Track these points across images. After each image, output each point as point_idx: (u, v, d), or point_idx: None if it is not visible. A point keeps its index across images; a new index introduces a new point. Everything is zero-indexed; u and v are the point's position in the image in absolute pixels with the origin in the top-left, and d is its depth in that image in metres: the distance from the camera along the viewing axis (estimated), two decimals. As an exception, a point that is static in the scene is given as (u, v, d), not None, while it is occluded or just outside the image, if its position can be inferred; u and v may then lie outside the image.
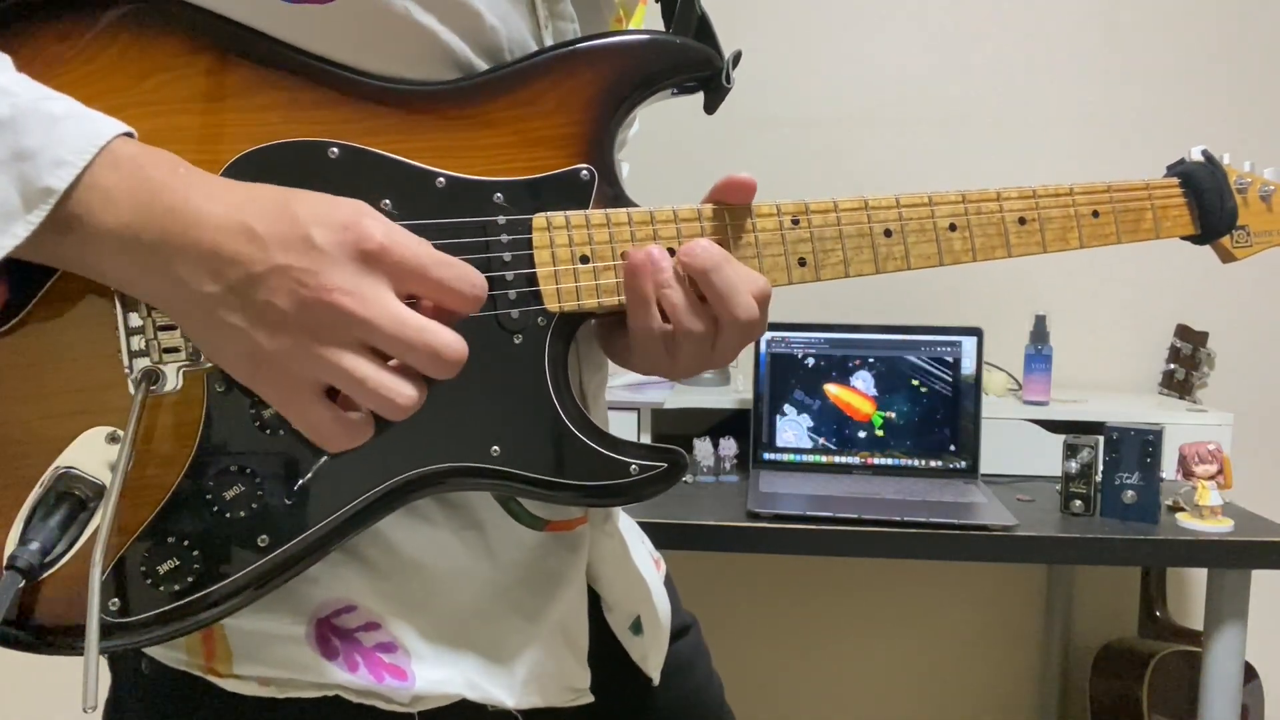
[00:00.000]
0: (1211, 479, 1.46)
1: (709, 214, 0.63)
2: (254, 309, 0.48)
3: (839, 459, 1.72)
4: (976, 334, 1.70)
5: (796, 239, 0.64)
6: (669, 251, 0.60)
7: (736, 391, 1.86)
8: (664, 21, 0.65)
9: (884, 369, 1.72)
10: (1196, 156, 0.72)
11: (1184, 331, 1.93)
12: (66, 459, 0.53)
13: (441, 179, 0.58)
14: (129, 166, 0.49)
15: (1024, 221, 0.67)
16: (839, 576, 2.15)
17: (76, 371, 0.53)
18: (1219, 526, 1.43)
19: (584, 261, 0.60)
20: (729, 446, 1.69)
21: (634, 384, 1.78)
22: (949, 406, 1.70)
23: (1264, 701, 1.83)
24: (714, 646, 0.90)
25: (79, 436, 0.53)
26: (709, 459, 1.68)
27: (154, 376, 0.53)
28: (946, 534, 1.41)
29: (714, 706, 0.87)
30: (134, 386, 0.53)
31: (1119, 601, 2.09)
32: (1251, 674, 1.76)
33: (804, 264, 0.64)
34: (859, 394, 1.73)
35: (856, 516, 1.43)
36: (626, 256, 0.60)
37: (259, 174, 0.53)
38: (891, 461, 1.71)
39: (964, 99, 2.04)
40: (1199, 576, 2.01)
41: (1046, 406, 1.77)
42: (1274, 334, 2.03)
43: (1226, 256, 0.73)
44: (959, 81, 2.04)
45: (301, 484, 0.55)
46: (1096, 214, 0.68)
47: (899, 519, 1.42)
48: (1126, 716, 1.84)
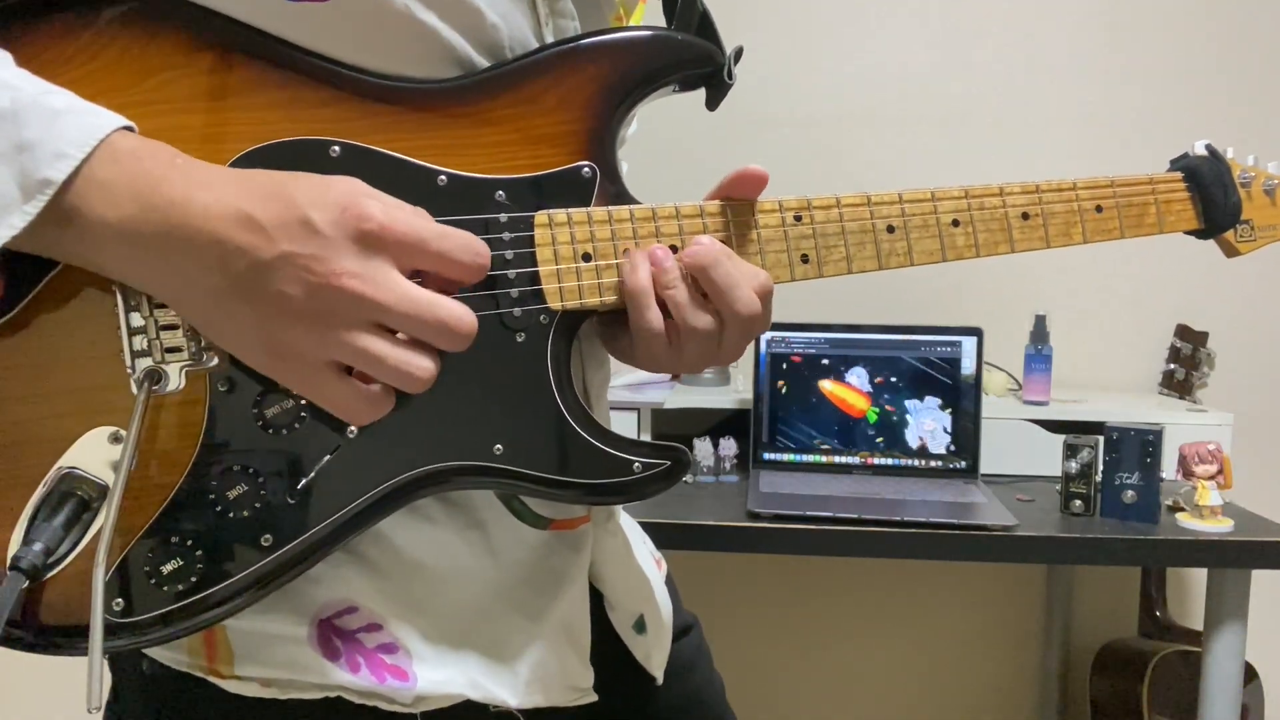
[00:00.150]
0: (1211, 479, 1.46)
1: (711, 211, 0.63)
2: (265, 299, 0.49)
3: (839, 459, 1.72)
4: (976, 334, 1.70)
5: (799, 235, 0.64)
6: (671, 249, 0.60)
7: (736, 391, 1.85)
8: (665, 18, 0.65)
9: (884, 368, 1.72)
10: (1200, 151, 0.72)
11: (1184, 331, 1.93)
12: (69, 459, 0.53)
13: (443, 177, 0.58)
14: (128, 160, 0.49)
15: (1027, 217, 0.67)
16: (839, 576, 2.15)
17: (79, 372, 0.53)
18: (1219, 526, 1.43)
19: (586, 259, 0.60)
20: (729, 446, 1.69)
21: (634, 384, 1.78)
22: (949, 406, 1.70)
23: (1264, 701, 1.82)
24: (714, 646, 0.90)
25: (82, 437, 0.53)
26: (709, 459, 1.67)
27: (156, 376, 0.53)
28: (946, 534, 1.41)
29: (715, 706, 0.87)
30: (136, 386, 0.53)
31: (1119, 601, 2.08)
32: (1251, 674, 1.76)
33: (807, 260, 0.64)
34: (854, 390, 1.72)
35: (856, 516, 1.43)
36: (628, 255, 0.60)
37: None
38: (891, 461, 1.71)
39: (965, 98, 2.04)
40: (1199, 576, 2.01)
41: (1046, 406, 1.77)
42: (1274, 334, 2.03)
43: (1230, 251, 0.73)
44: (960, 80, 2.04)
45: (304, 483, 0.55)
46: (1100, 209, 0.68)
47: (899, 519, 1.42)
48: (1126, 716, 1.84)
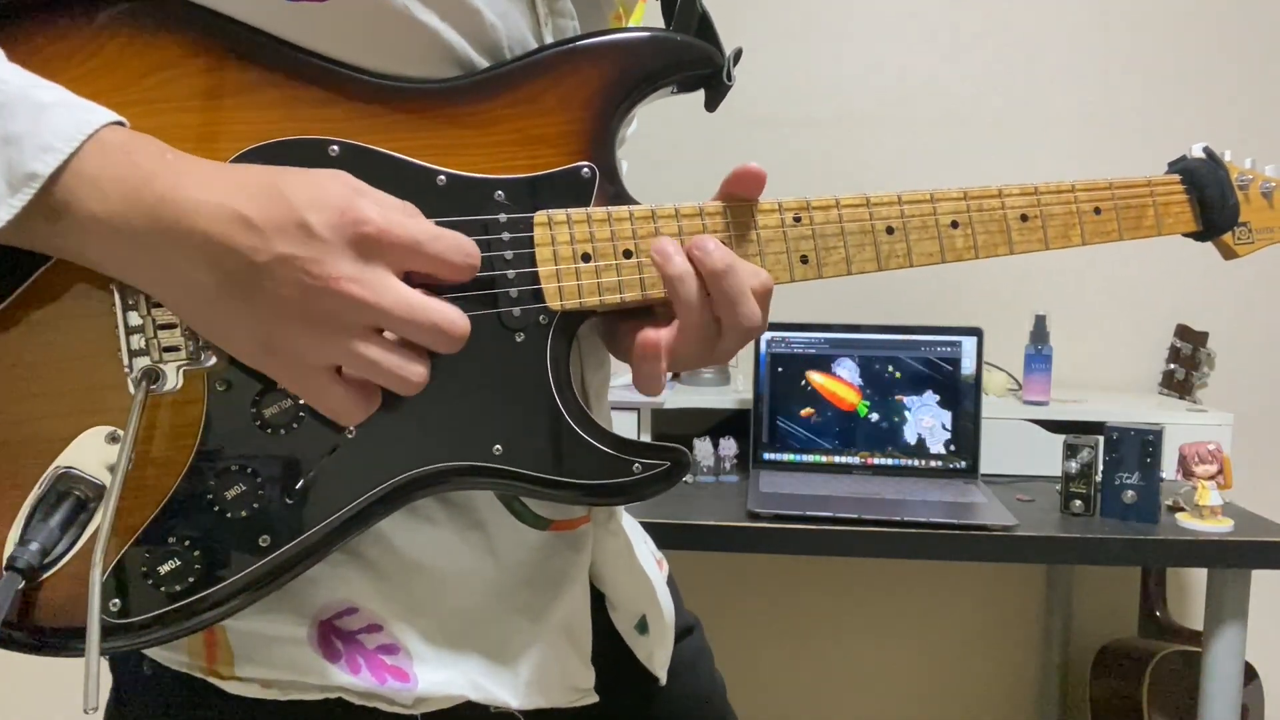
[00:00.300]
0: (1211, 479, 1.46)
1: (711, 211, 0.62)
2: (260, 300, 0.49)
3: (839, 459, 1.72)
4: (976, 334, 1.70)
5: (798, 236, 0.63)
6: None
7: (736, 391, 1.85)
8: (664, 19, 0.65)
9: (884, 368, 1.72)
10: (1198, 153, 0.72)
11: (1184, 331, 1.93)
12: (66, 459, 0.53)
13: (442, 177, 0.58)
14: (117, 154, 0.48)
15: (1026, 218, 0.66)
16: (839, 576, 2.15)
17: (76, 371, 0.53)
18: (1219, 526, 1.43)
19: (585, 259, 0.60)
20: (729, 446, 1.69)
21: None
22: (949, 406, 1.70)
23: (1264, 701, 1.82)
24: (714, 646, 0.90)
25: (79, 436, 0.53)
26: (709, 459, 1.67)
27: (154, 376, 0.53)
28: (946, 534, 1.41)
29: (717, 707, 0.86)
30: (134, 386, 0.53)
31: (1119, 601, 2.08)
32: (1251, 674, 1.76)
33: (806, 261, 0.64)
34: (843, 383, 1.72)
35: (856, 516, 1.43)
36: (658, 248, 0.60)
37: None
38: (891, 461, 1.71)
39: (964, 99, 2.04)
40: (1199, 576, 2.01)
41: (1046, 406, 1.77)
42: (1274, 334, 2.03)
43: (1228, 253, 0.73)
44: (959, 81, 2.04)
45: (302, 483, 0.55)
46: (1098, 211, 0.68)
47: (899, 519, 1.42)
48: (1126, 716, 1.83)
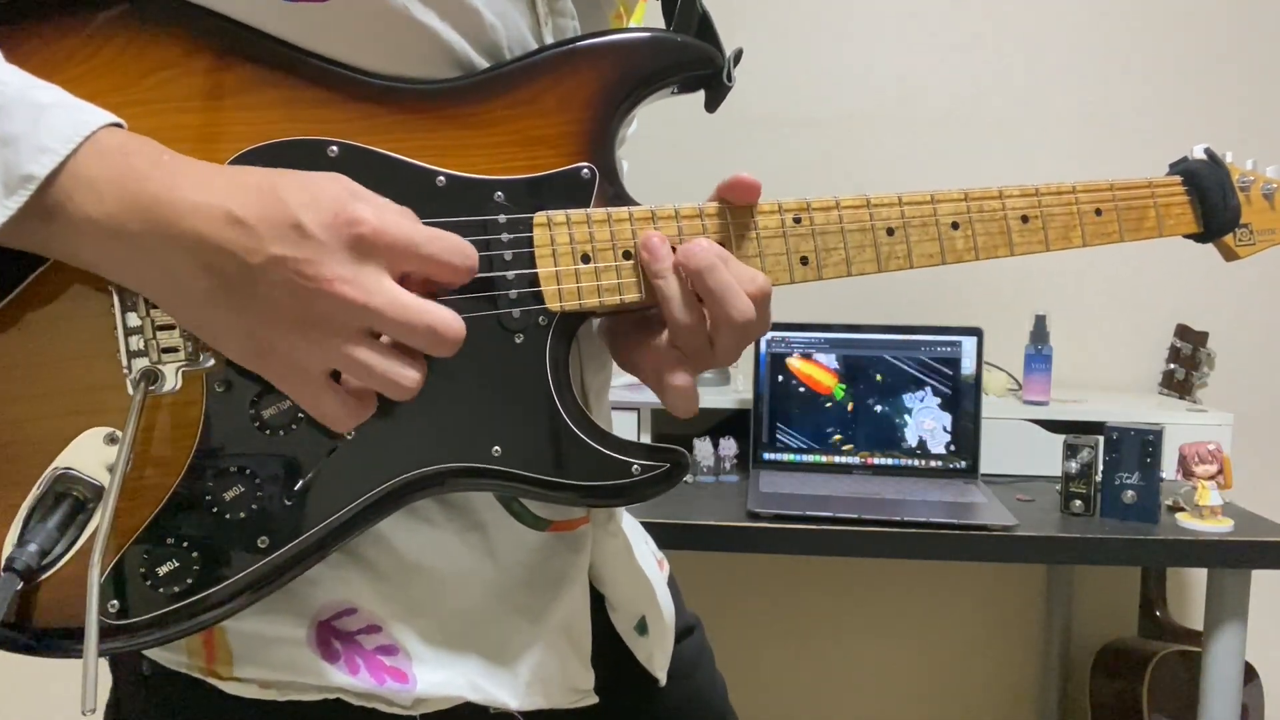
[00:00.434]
0: (1211, 479, 1.46)
1: (710, 212, 0.62)
2: (254, 301, 0.48)
3: (839, 459, 1.72)
4: (976, 334, 1.70)
5: (798, 237, 0.63)
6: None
7: (736, 391, 1.85)
8: (664, 19, 0.65)
9: (883, 368, 1.71)
10: (1199, 155, 0.71)
11: (1184, 331, 1.93)
12: (65, 460, 0.53)
13: (442, 178, 0.58)
14: (115, 156, 0.48)
15: (1027, 220, 0.66)
16: (839, 576, 2.15)
17: (74, 372, 0.53)
18: (1219, 526, 1.43)
19: (585, 260, 0.60)
20: (729, 446, 1.69)
21: (634, 384, 1.78)
22: (949, 406, 1.70)
23: (1264, 701, 1.82)
24: (714, 646, 0.90)
25: (77, 437, 0.53)
26: (709, 459, 1.67)
27: (153, 377, 0.53)
28: (946, 534, 1.41)
29: (717, 707, 0.86)
30: (133, 387, 0.53)
31: (1119, 601, 2.08)
32: (1251, 674, 1.76)
33: (806, 262, 0.63)
34: (821, 367, 1.73)
35: (856, 516, 1.43)
36: (645, 242, 0.60)
37: None
38: (891, 461, 1.71)
39: (965, 100, 2.04)
40: (1199, 576, 2.00)
41: (1046, 406, 1.77)
42: (1274, 334, 2.03)
43: (1229, 255, 0.73)
44: (960, 82, 2.04)
45: (301, 485, 0.55)
46: (1099, 212, 0.68)
47: (899, 519, 1.42)
48: (1126, 716, 1.83)
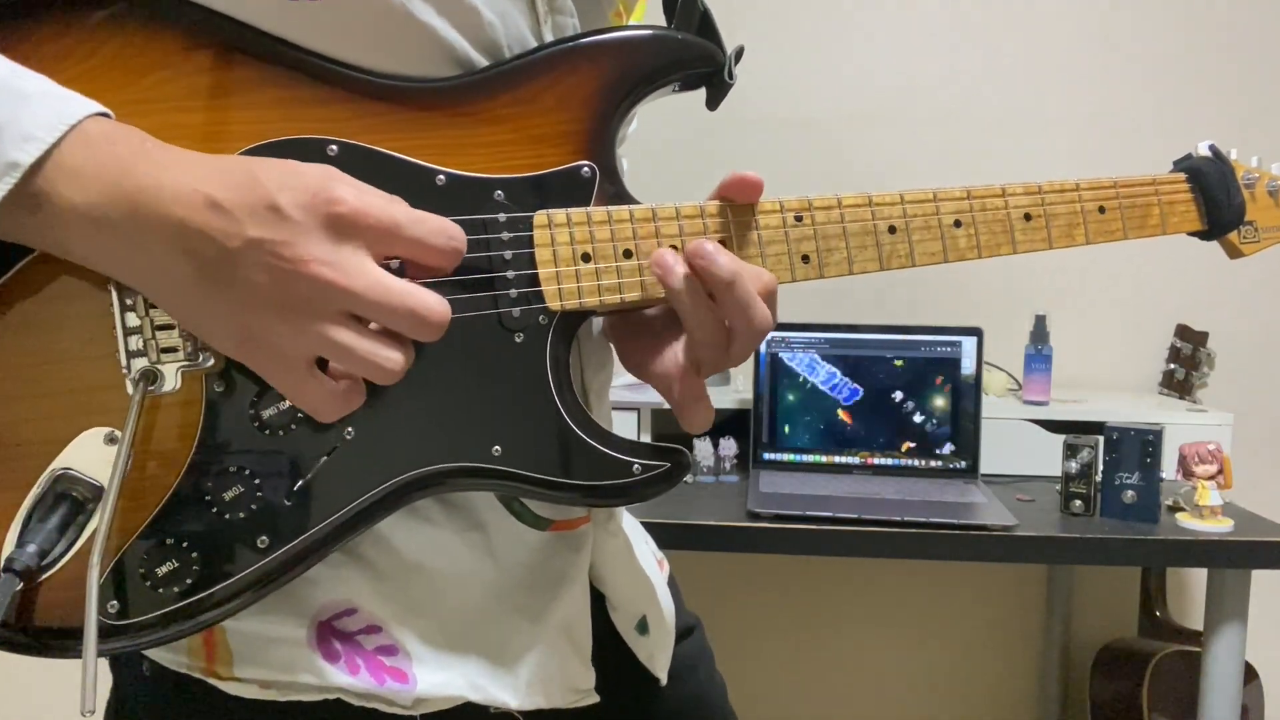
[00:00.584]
0: (1211, 479, 1.46)
1: (712, 211, 0.62)
2: (234, 286, 0.48)
3: (839, 459, 1.72)
4: (976, 334, 1.69)
5: (800, 236, 0.63)
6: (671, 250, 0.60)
7: (736, 391, 1.85)
8: (665, 16, 0.64)
9: (884, 368, 1.71)
10: (1203, 151, 0.71)
11: (1184, 331, 1.93)
12: (64, 460, 0.52)
13: (442, 176, 0.57)
14: (100, 144, 0.48)
15: (1029, 218, 0.66)
16: (839, 576, 2.15)
17: (74, 372, 0.53)
18: (1219, 526, 1.43)
19: (585, 260, 0.60)
20: (729, 446, 1.69)
21: (635, 384, 1.77)
22: (949, 406, 1.70)
23: (1264, 701, 1.82)
24: (714, 646, 0.90)
25: (77, 437, 0.52)
26: (709, 459, 1.67)
27: (152, 376, 0.53)
28: (946, 534, 1.40)
29: (717, 707, 0.86)
30: (132, 387, 0.53)
31: (1119, 601, 2.08)
32: (1251, 674, 1.76)
33: (807, 261, 0.63)
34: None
35: (856, 516, 1.43)
36: (658, 259, 0.59)
37: None
38: (891, 461, 1.71)
39: (967, 98, 2.04)
40: (1199, 576, 2.00)
41: (1046, 406, 1.77)
42: (1274, 334, 2.03)
43: (1234, 252, 0.73)
44: (962, 81, 2.04)
45: (301, 484, 0.55)
46: (1103, 210, 0.68)
47: (899, 519, 1.42)
48: (1126, 716, 1.83)
